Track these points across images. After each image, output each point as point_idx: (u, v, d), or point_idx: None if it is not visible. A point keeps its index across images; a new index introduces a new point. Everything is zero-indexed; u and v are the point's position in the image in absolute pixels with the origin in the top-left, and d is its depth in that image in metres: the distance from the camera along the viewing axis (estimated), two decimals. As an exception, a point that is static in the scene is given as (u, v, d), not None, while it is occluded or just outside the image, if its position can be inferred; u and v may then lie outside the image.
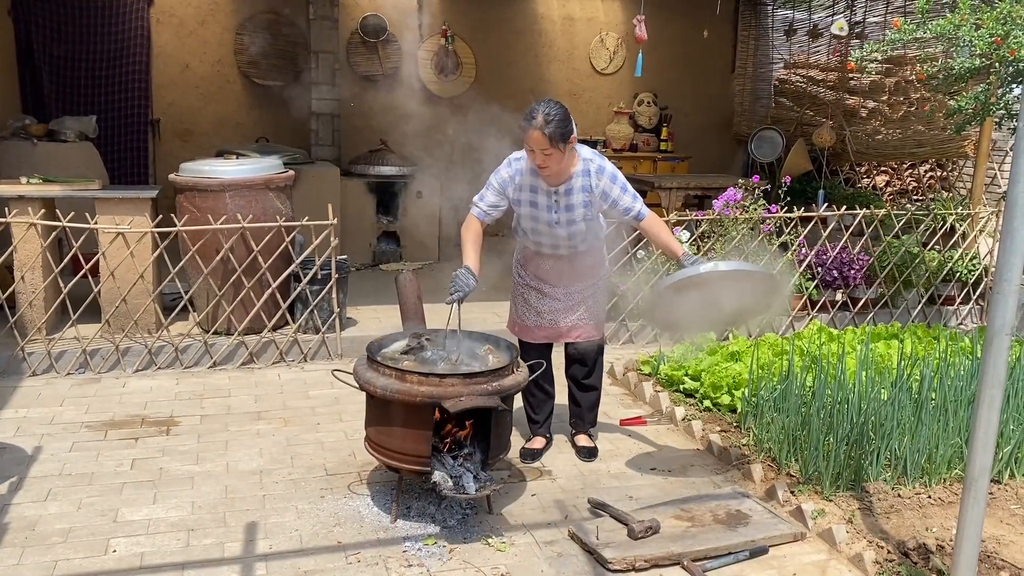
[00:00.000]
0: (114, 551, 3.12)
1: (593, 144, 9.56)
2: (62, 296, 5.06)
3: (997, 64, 5.09)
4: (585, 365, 4.06)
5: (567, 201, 3.71)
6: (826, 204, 7.03)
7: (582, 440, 4.15)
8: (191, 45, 8.41)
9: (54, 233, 5.08)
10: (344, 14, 8.47)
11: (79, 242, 5.01)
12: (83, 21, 7.80)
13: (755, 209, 5.98)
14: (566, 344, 4.04)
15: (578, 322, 3.94)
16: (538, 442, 4.11)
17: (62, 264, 5.08)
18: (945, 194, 9.35)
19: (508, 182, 3.74)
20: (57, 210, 5.18)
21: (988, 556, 3.18)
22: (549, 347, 4.06)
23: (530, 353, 3.95)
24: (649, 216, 3.77)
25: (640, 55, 7.26)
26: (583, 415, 4.16)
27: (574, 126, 3.65)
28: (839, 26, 8.65)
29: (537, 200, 3.73)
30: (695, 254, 4.62)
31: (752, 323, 5.81)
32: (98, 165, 6.93)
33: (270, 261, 5.24)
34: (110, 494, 3.55)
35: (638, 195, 3.78)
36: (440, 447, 3.37)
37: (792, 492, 3.68)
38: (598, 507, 3.51)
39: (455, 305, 3.46)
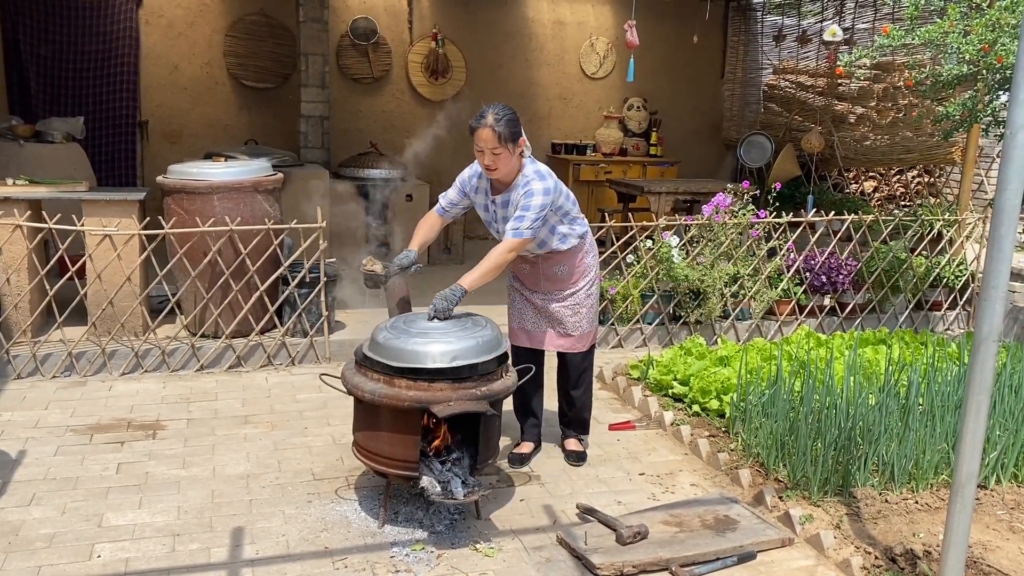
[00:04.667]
0: (99, 556, 3.09)
1: (583, 149, 9.60)
2: (48, 298, 5.02)
3: (984, 71, 5.13)
4: (569, 375, 4.05)
5: (503, 213, 3.74)
6: (815, 209, 7.06)
7: (571, 444, 4.14)
8: (180, 46, 8.38)
9: (40, 235, 5.05)
10: (334, 17, 8.46)
11: (65, 244, 4.98)
12: (71, 21, 7.76)
13: (744, 214, 5.99)
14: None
15: (559, 332, 3.92)
16: (526, 447, 4.10)
17: (48, 266, 5.05)
18: (933, 200, 9.39)
19: (467, 182, 3.85)
20: (43, 211, 5.14)
21: (975, 562, 3.19)
22: (540, 353, 4.05)
23: (520, 357, 3.95)
24: (504, 243, 3.60)
25: (631, 60, 7.28)
26: (571, 421, 4.15)
27: (523, 131, 3.66)
28: (831, 32, 8.68)
29: (486, 204, 3.81)
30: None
31: None
32: (85, 166, 6.89)
33: (258, 264, 5.21)
34: (95, 499, 3.52)
35: (535, 224, 3.56)
36: (428, 452, 3.36)
37: (780, 497, 3.68)
38: (587, 512, 3.51)
39: (396, 276, 3.72)
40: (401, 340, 3.29)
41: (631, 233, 6.06)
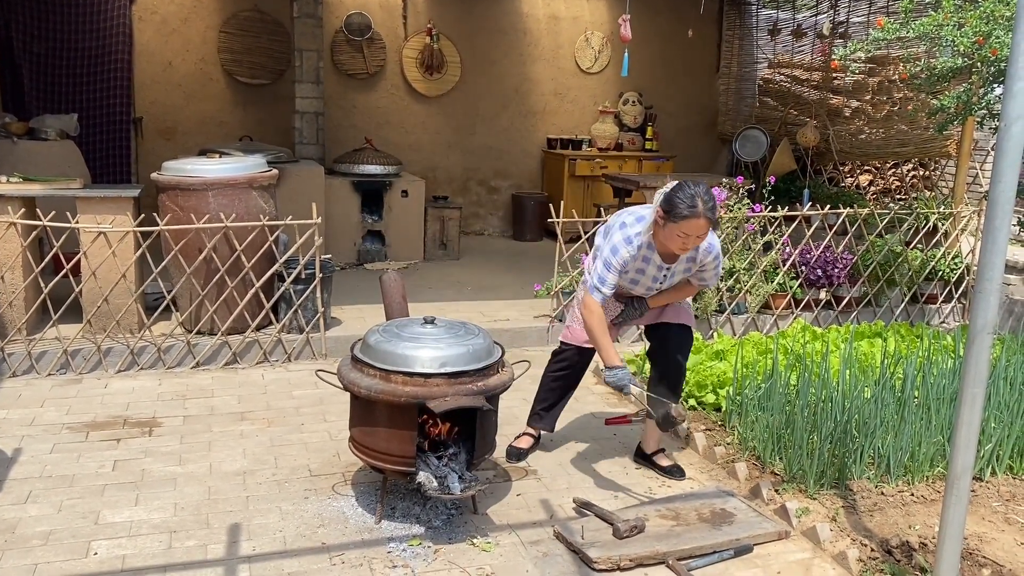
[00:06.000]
0: (95, 553, 3.09)
1: (579, 144, 9.59)
2: (43, 296, 5.01)
3: (979, 64, 5.13)
4: (683, 347, 3.92)
5: (673, 271, 3.65)
6: (810, 203, 7.06)
7: (662, 460, 4.05)
8: (174, 43, 8.35)
9: (35, 232, 5.03)
10: (328, 12, 8.44)
11: (60, 241, 4.97)
12: (64, 18, 7.72)
13: (740, 208, 5.99)
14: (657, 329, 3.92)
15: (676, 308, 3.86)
16: (525, 441, 4.10)
17: (43, 264, 5.04)
18: (928, 193, 9.41)
19: (628, 261, 3.52)
20: (38, 209, 5.13)
21: (970, 553, 3.20)
22: (591, 355, 3.98)
23: (574, 355, 3.95)
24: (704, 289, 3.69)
25: (626, 55, 7.27)
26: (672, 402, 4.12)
27: None
28: (828, 27, 8.70)
29: (646, 270, 3.61)
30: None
31: None
32: (79, 164, 6.87)
33: (253, 260, 5.20)
34: (91, 496, 3.52)
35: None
36: (425, 447, 3.36)
37: (776, 491, 3.69)
38: (583, 506, 3.51)
39: (636, 391, 3.49)
40: (392, 344, 3.29)
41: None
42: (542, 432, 4.16)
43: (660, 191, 3.48)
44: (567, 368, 4.02)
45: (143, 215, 5.29)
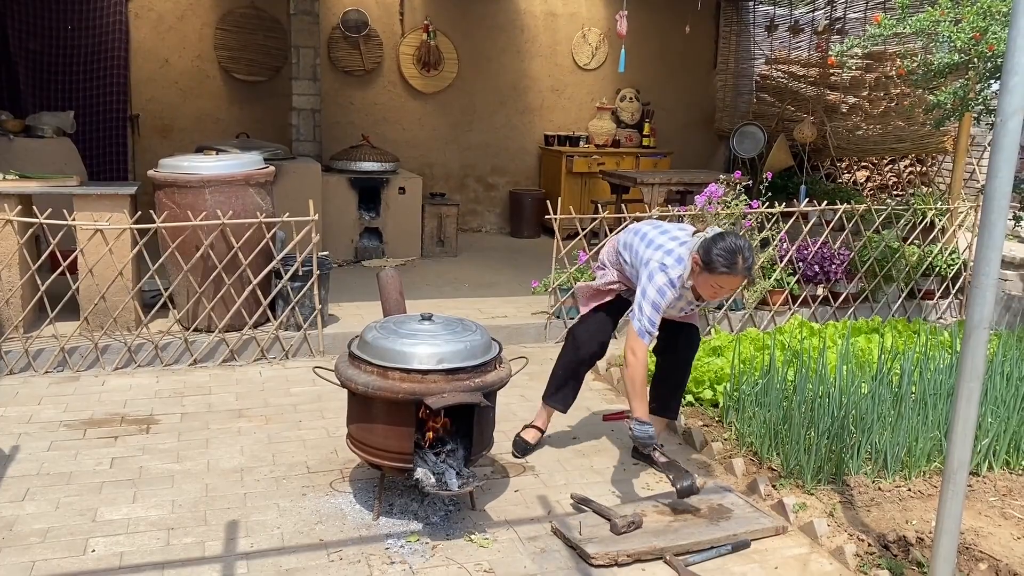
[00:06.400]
0: (93, 551, 3.09)
1: (576, 140, 9.59)
2: (40, 294, 5.00)
3: (976, 59, 5.14)
4: (692, 346, 4.00)
5: (698, 305, 3.76)
6: (807, 199, 7.07)
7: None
8: (170, 40, 8.34)
9: (31, 230, 5.02)
10: (325, 9, 8.42)
11: (57, 239, 4.96)
12: (60, 16, 7.71)
13: (737, 204, 5.99)
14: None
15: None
16: (532, 434, 4.09)
17: (39, 261, 5.03)
18: (925, 189, 9.42)
19: (669, 301, 3.51)
20: (34, 206, 5.12)
21: (967, 548, 3.21)
22: (614, 326, 4.01)
23: (593, 325, 3.97)
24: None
25: (623, 51, 7.27)
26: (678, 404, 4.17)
27: None
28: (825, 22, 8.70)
29: (676, 304, 3.67)
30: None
31: None
32: (76, 161, 6.86)
33: (251, 258, 5.20)
34: (89, 493, 3.52)
35: None
36: (422, 443, 3.36)
37: (774, 486, 3.70)
38: (581, 502, 3.52)
39: (662, 460, 3.43)
40: (389, 340, 3.29)
41: (624, 224, 6.06)
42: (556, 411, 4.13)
43: (700, 235, 3.49)
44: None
45: (140, 212, 5.28)
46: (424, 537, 3.25)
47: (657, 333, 3.58)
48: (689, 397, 4.68)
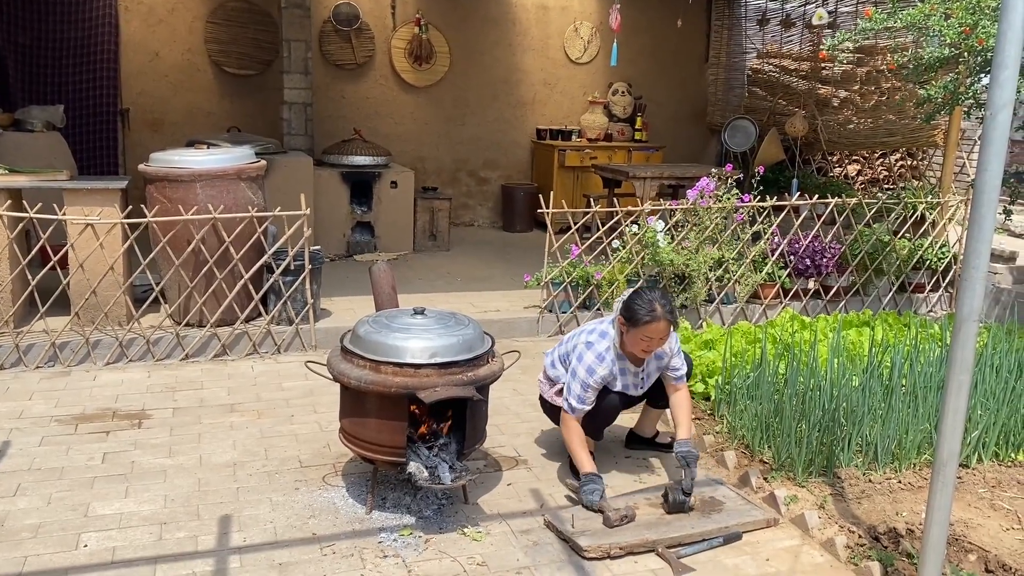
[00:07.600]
0: (85, 546, 3.08)
1: (568, 134, 9.59)
2: (30, 288, 4.98)
3: (966, 53, 5.15)
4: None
5: (647, 372, 3.70)
6: (799, 193, 7.09)
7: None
8: (160, 34, 8.30)
9: (21, 224, 5.00)
10: (316, 2, 8.39)
11: (47, 233, 4.94)
12: (49, 9, 7.65)
13: (728, 198, 6.01)
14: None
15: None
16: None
17: (30, 256, 5.00)
18: (915, 183, 9.46)
19: (606, 377, 3.56)
20: (24, 201, 5.10)
21: (956, 539, 3.23)
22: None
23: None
24: (685, 386, 3.77)
25: (615, 45, 7.27)
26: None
27: None
28: (819, 16, 8.69)
29: (621, 379, 3.64)
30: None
31: None
32: (66, 155, 6.82)
33: (242, 252, 5.19)
34: (81, 488, 3.51)
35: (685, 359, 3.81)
36: (415, 437, 3.37)
37: (765, 478, 3.72)
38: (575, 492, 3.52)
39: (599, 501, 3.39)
40: (382, 335, 3.30)
41: (616, 218, 6.07)
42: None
43: (619, 300, 3.59)
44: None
45: (131, 207, 5.26)
46: (417, 531, 3.25)
47: (588, 408, 3.55)
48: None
